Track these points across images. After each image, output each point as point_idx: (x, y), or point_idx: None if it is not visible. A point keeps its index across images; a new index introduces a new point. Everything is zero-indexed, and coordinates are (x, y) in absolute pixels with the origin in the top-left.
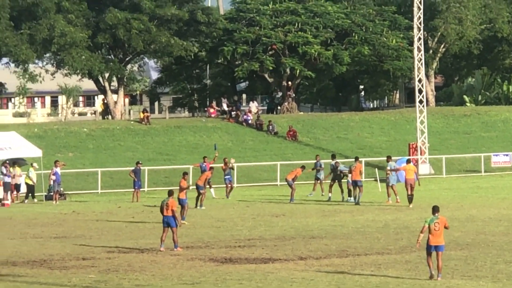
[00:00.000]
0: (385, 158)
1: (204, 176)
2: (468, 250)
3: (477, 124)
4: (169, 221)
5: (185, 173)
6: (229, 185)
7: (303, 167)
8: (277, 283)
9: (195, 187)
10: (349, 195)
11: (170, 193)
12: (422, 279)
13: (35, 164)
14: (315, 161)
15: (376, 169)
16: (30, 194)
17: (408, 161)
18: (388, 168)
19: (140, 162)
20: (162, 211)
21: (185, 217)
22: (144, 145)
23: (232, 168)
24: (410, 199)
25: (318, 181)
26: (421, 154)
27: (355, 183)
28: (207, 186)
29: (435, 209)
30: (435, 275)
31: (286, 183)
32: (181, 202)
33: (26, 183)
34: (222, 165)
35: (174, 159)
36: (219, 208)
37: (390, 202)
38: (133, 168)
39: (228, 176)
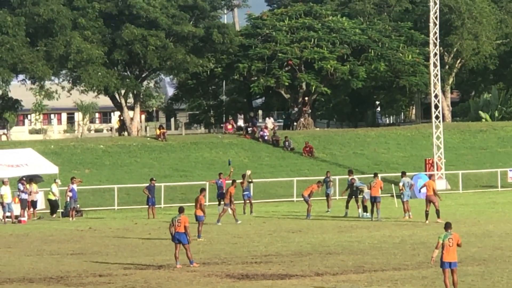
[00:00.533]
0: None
1: (229, 193)
2: (485, 266)
3: (493, 139)
4: (180, 238)
5: (203, 189)
6: (247, 201)
7: (319, 182)
8: None
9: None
10: (365, 211)
11: (181, 210)
12: None
13: (58, 180)
14: (324, 177)
15: (393, 184)
16: (55, 210)
17: (430, 177)
18: (401, 184)
19: (154, 178)
20: (171, 228)
21: (201, 234)
22: (161, 162)
23: (251, 182)
24: (437, 213)
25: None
26: (437, 169)
27: (374, 199)
28: (222, 203)
29: (448, 226)
30: None
31: (302, 199)
32: (198, 219)
33: (49, 199)
34: (241, 180)
35: (191, 175)
36: (235, 224)
37: (407, 218)
38: (147, 185)
39: (247, 192)
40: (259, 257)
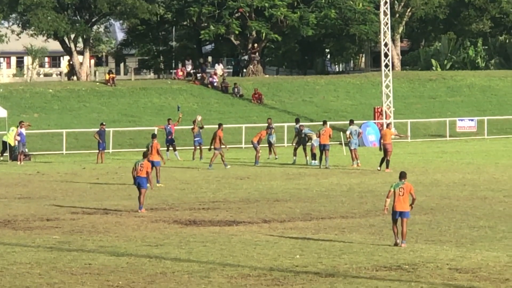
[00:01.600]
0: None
1: (217, 137)
2: (432, 215)
3: (442, 88)
4: (140, 181)
5: (155, 135)
6: (198, 147)
7: (268, 129)
8: (241, 245)
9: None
10: (313, 158)
11: (145, 154)
12: (386, 243)
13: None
14: (267, 124)
15: (341, 132)
16: (3, 152)
17: (387, 126)
18: (348, 132)
19: (104, 123)
20: (134, 172)
21: (159, 180)
22: (109, 107)
23: (202, 127)
24: (387, 163)
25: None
26: (386, 118)
27: (323, 147)
28: (171, 149)
29: (402, 175)
30: (399, 243)
31: (251, 145)
32: (155, 164)
33: (4, 141)
34: (192, 127)
35: (139, 121)
36: (183, 170)
37: (355, 166)
38: (98, 129)
39: (198, 138)
40: (206, 203)
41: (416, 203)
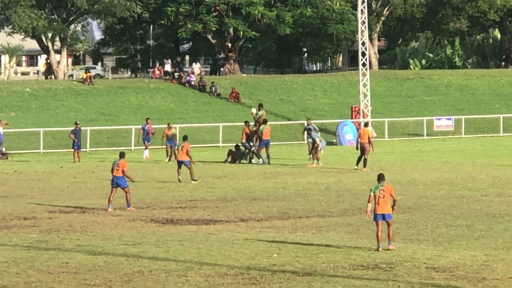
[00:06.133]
0: (328, 121)
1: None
2: (409, 214)
3: (420, 87)
4: (118, 181)
5: (186, 138)
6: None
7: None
8: (218, 244)
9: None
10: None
11: (122, 154)
12: (363, 242)
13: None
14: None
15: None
16: None
17: (366, 125)
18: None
19: (78, 122)
20: (112, 172)
21: (193, 177)
22: (87, 106)
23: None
24: (364, 162)
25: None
26: (363, 117)
27: (266, 143)
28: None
29: (380, 177)
30: (387, 246)
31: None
32: (185, 163)
33: None
34: (166, 129)
35: (117, 119)
36: (160, 169)
37: (314, 165)
38: (73, 129)
39: (171, 141)
40: (184, 202)
41: None
